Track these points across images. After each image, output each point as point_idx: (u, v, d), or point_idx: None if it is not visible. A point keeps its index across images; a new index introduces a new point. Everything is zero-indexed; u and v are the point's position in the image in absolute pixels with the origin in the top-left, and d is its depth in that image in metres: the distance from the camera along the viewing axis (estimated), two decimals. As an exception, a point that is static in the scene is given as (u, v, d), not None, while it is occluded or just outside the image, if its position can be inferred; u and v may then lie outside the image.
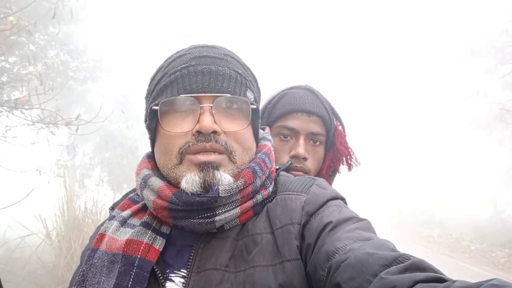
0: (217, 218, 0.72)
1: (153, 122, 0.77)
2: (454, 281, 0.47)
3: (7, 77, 6.62)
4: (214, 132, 0.71)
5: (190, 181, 0.71)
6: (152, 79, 0.82)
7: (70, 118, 5.57)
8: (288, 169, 0.95)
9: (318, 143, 1.24)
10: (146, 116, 0.81)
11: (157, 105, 0.74)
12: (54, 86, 5.61)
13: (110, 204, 0.92)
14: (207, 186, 0.71)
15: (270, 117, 1.25)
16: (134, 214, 0.81)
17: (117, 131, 10.74)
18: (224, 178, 0.72)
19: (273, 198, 0.80)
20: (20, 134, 5.40)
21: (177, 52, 0.81)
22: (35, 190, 4.76)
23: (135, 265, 0.70)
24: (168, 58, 0.81)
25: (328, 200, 0.77)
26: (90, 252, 0.75)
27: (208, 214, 0.71)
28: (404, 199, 21.48)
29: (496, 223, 13.83)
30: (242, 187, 0.73)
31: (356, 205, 0.85)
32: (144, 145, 10.99)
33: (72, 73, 9.21)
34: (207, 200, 0.70)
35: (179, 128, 0.73)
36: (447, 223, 14.27)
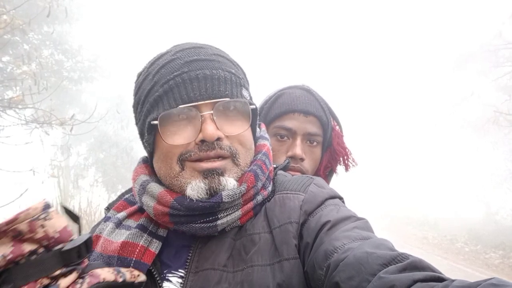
0: (219, 222, 0.71)
1: (152, 136, 0.75)
2: (453, 281, 0.47)
3: (1, 76, 6.56)
4: (218, 138, 0.70)
5: (195, 188, 0.70)
6: (139, 87, 0.78)
7: (64, 118, 5.53)
8: (285, 168, 0.95)
9: (315, 143, 1.23)
10: (142, 130, 0.77)
11: (155, 118, 0.71)
12: (48, 86, 5.57)
13: (105, 205, 0.90)
14: (213, 193, 0.70)
15: (267, 117, 1.24)
16: (129, 215, 0.80)
17: (112, 132, 10.68)
18: (230, 183, 0.71)
19: (272, 198, 0.79)
20: (13, 133, 5.35)
21: (162, 57, 0.77)
22: (28, 190, 4.72)
23: (131, 267, 0.69)
24: (154, 64, 0.77)
25: (326, 199, 0.76)
26: None
27: (210, 218, 0.71)
28: (398, 200, 21.59)
29: (490, 225, 13.95)
30: (244, 192, 0.72)
31: (351, 206, 0.85)
32: (139, 146, 10.93)
33: (66, 73, 9.16)
34: (210, 206, 0.69)
35: (181, 138, 0.71)
36: (441, 225, 14.35)
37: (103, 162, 10.72)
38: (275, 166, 0.91)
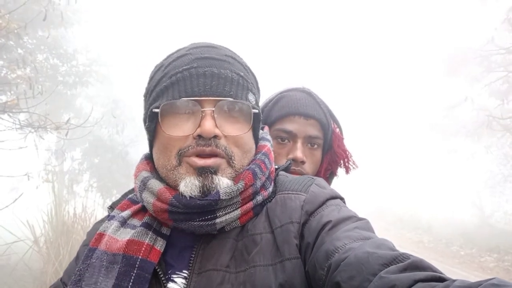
0: (217, 220, 0.72)
1: (153, 124, 0.76)
2: (454, 281, 0.47)
3: (-5, 81, 6.50)
4: (215, 136, 0.71)
5: (189, 185, 0.70)
6: (152, 78, 0.81)
7: (59, 122, 5.50)
8: (287, 169, 0.95)
9: (315, 146, 1.24)
10: (145, 117, 0.79)
11: (157, 107, 0.73)
12: (43, 90, 5.54)
13: (100, 210, 0.90)
14: (206, 191, 0.71)
15: (267, 120, 1.25)
16: (134, 214, 0.80)
17: (107, 136, 10.62)
18: (222, 182, 0.71)
19: (273, 198, 0.80)
20: (8, 138, 5.31)
21: (178, 51, 0.80)
22: (22, 195, 4.68)
23: (136, 266, 0.69)
24: (169, 57, 0.80)
25: (327, 200, 0.77)
26: (88, 252, 0.74)
27: (209, 217, 0.71)
28: (393, 204, 21.62)
29: (484, 228, 14.01)
30: (242, 189, 0.73)
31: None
32: (134, 151, 10.89)
33: (61, 77, 9.10)
34: (208, 203, 0.70)
35: (180, 131, 0.72)
36: (436, 229, 14.38)
37: (97, 167, 10.64)
38: (276, 167, 0.91)
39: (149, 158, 0.84)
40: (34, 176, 5.80)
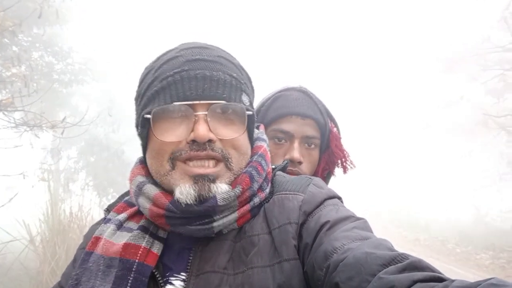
0: (215, 224, 0.71)
1: (145, 129, 0.75)
2: (453, 281, 0.47)
3: (-10, 79, 6.45)
4: (209, 140, 0.70)
5: (184, 192, 0.69)
6: (142, 81, 0.78)
7: (55, 120, 5.46)
8: (284, 169, 0.95)
9: (313, 146, 1.23)
10: (137, 122, 0.78)
11: (149, 113, 0.71)
12: (39, 88, 5.50)
13: (96, 209, 0.89)
14: (202, 200, 0.69)
15: (264, 120, 1.24)
16: (130, 217, 0.79)
17: (103, 135, 10.58)
18: (220, 189, 0.70)
19: (270, 198, 0.79)
20: (3, 136, 5.28)
21: (168, 53, 0.77)
22: (18, 194, 4.65)
23: (133, 269, 0.69)
24: (158, 59, 0.78)
25: (325, 200, 0.76)
26: (85, 256, 0.74)
27: (206, 221, 0.70)
28: (389, 202, 21.70)
29: (480, 226, 14.09)
30: (240, 194, 0.72)
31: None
32: (130, 149, 10.86)
33: (56, 75, 9.05)
34: (205, 209, 0.69)
35: (173, 136, 0.71)
36: (432, 227, 14.45)
37: (93, 165, 10.60)
38: (273, 167, 0.91)
39: (144, 162, 0.82)
40: (30, 175, 5.76)
